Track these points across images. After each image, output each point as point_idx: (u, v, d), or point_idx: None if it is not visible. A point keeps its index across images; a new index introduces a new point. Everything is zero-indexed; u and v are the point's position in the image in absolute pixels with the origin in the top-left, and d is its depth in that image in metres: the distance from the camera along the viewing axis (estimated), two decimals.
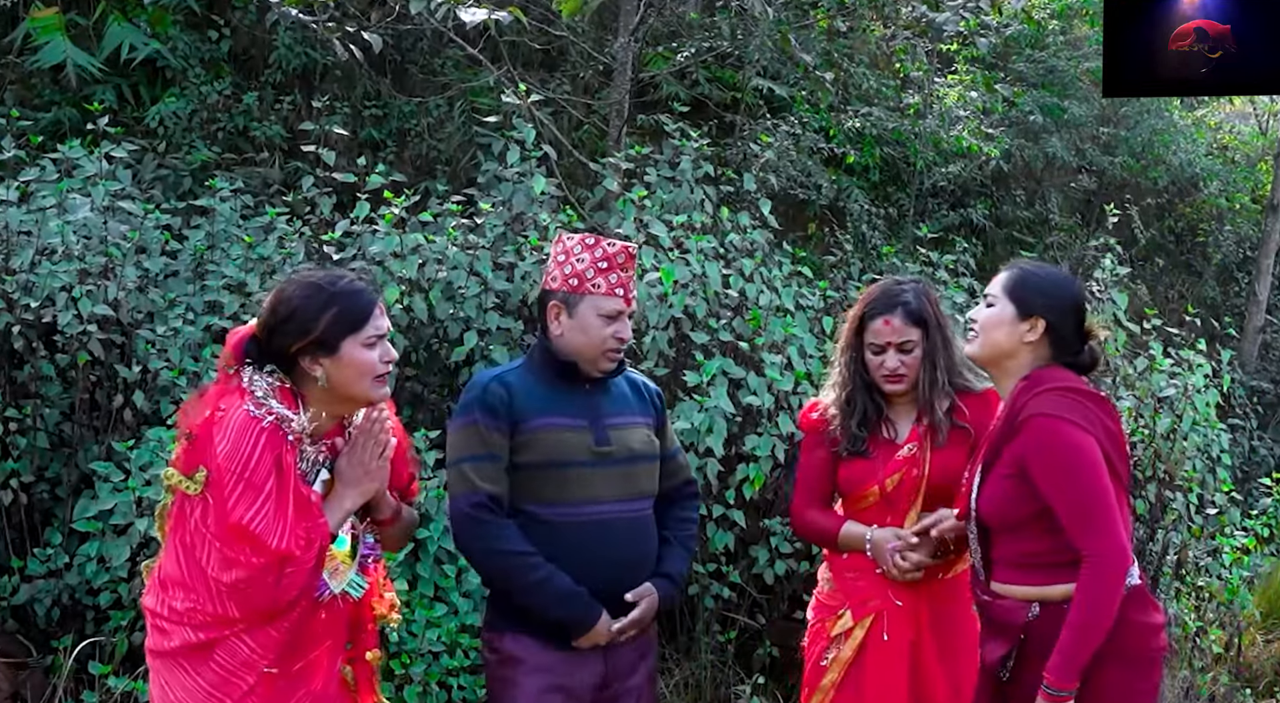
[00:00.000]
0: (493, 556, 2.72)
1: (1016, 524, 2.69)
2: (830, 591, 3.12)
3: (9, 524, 4.14)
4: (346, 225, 4.52)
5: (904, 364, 2.99)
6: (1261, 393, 8.63)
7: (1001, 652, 2.71)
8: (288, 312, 2.39)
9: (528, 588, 2.71)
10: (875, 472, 3.03)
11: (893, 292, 3.04)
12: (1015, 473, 2.67)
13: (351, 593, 2.48)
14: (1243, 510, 5.57)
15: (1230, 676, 5.08)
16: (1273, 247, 9.18)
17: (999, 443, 2.73)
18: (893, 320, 2.99)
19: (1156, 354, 5.11)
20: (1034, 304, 2.76)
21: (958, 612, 3.03)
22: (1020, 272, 2.83)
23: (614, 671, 2.81)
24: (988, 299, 2.83)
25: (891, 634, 2.97)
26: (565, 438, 2.76)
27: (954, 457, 2.98)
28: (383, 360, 2.45)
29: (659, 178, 5.01)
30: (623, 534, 2.80)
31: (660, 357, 4.45)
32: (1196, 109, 10.90)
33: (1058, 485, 2.62)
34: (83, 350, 4.09)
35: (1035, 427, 2.65)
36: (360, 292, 2.44)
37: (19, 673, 3.96)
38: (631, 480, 2.83)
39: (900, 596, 2.98)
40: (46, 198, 4.38)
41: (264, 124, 6.16)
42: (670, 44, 7.34)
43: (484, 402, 2.75)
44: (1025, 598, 2.69)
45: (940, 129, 8.03)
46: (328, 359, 2.39)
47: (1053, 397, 2.68)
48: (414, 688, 3.80)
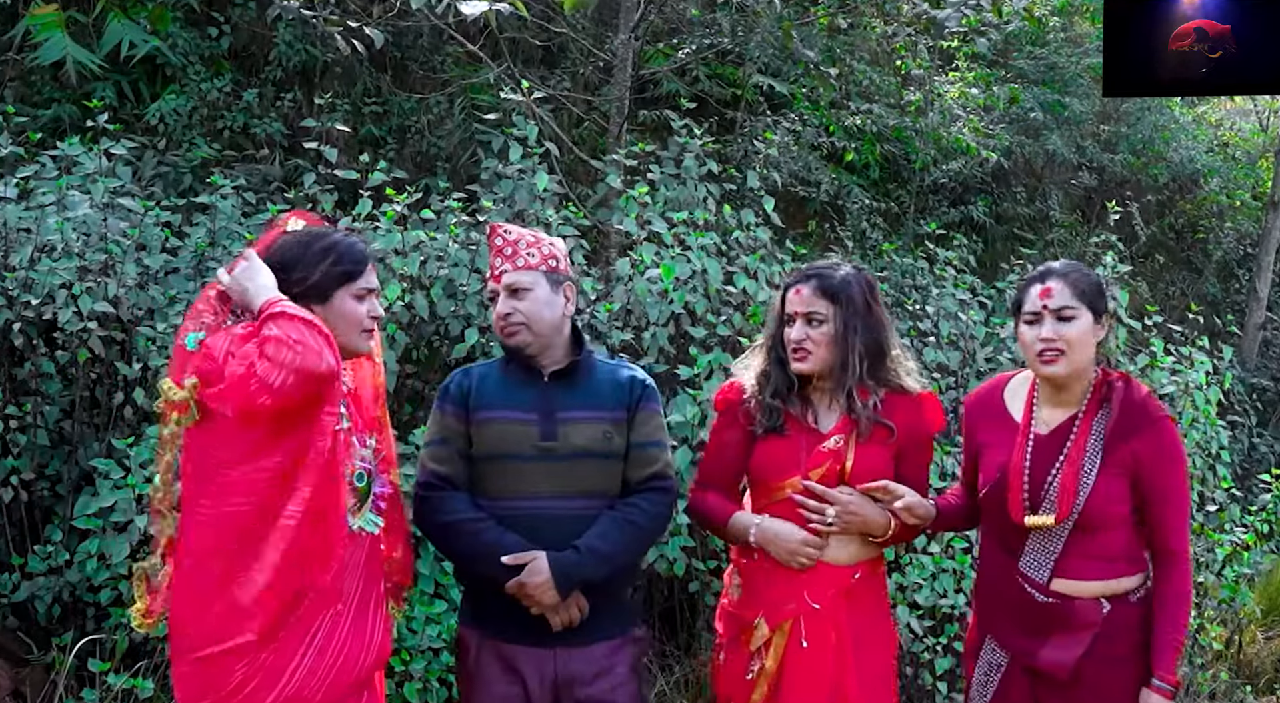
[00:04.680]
0: (436, 528, 2.81)
1: (1114, 521, 2.73)
2: (739, 598, 2.95)
3: (9, 521, 4.14)
4: (349, 222, 4.52)
5: (810, 338, 2.84)
6: (1262, 390, 8.63)
7: (1078, 651, 2.72)
8: (285, 259, 2.46)
9: (470, 552, 2.74)
10: (797, 460, 2.86)
11: (817, 267, 2.94)
12: (1129, 470, 2.71)
13: (368, 528, 2.53)
14: (1243, 507, 5.58)
15: (1230, 673, 5.09)
16: (1273, 243, 9.18)
17: (1117, 441, 2.72)
18: (803, 290, 2.87)
19: (1157, 351, 5.11)
20: (1101, 304, 2.77)
21: (873, 614, 2.90)
22: (1081, 276, 2.77)
23: (565, 673, 2.75)
24: (1062, 313, 2.72)
25: (811, 640, 2.81)
26: (510, 430, 2.77)
27: (874, 455, 2.85)
28: (369, 316, 2.53)
29: (663, 175, 5.00)
30: (558, 531, 2.73)
31: (661, 352, 4.46)
32: (1197, 106, 10.90)
33: (1171, 487, 2.72)
34: (83, 348, 4.09)
35: (1162, 428, 2.73)
36: (356, 244, 2.54)
37: (19, 670, 3.96)
38: (575, 477, 2.77)
39: (817, 598, 2.83)
40: (46, 195, 4.38)
41: (264, 121, 6.15)
42: (671, 41, 7.34)
43: (447, 390, 2.86)
44: (1096, 594, 2.72)
45: (941, 126, 8.03)
46: (320, 307, 2.45)
47: (1158, 401, 2.79)
48: (414, 685, 3.80)
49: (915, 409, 2.91)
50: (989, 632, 2.91)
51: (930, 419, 2.93)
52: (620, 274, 4.52)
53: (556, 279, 2.88)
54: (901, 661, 4.34)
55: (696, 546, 4.27)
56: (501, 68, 5.86)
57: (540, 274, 2.85)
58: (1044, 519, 2.74)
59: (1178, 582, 2.72)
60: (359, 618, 2.47)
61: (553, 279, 2.87)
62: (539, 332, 2.83)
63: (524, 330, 2.82)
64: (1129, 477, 2.71)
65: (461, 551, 2.78)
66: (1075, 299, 2.72)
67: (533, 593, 2.68)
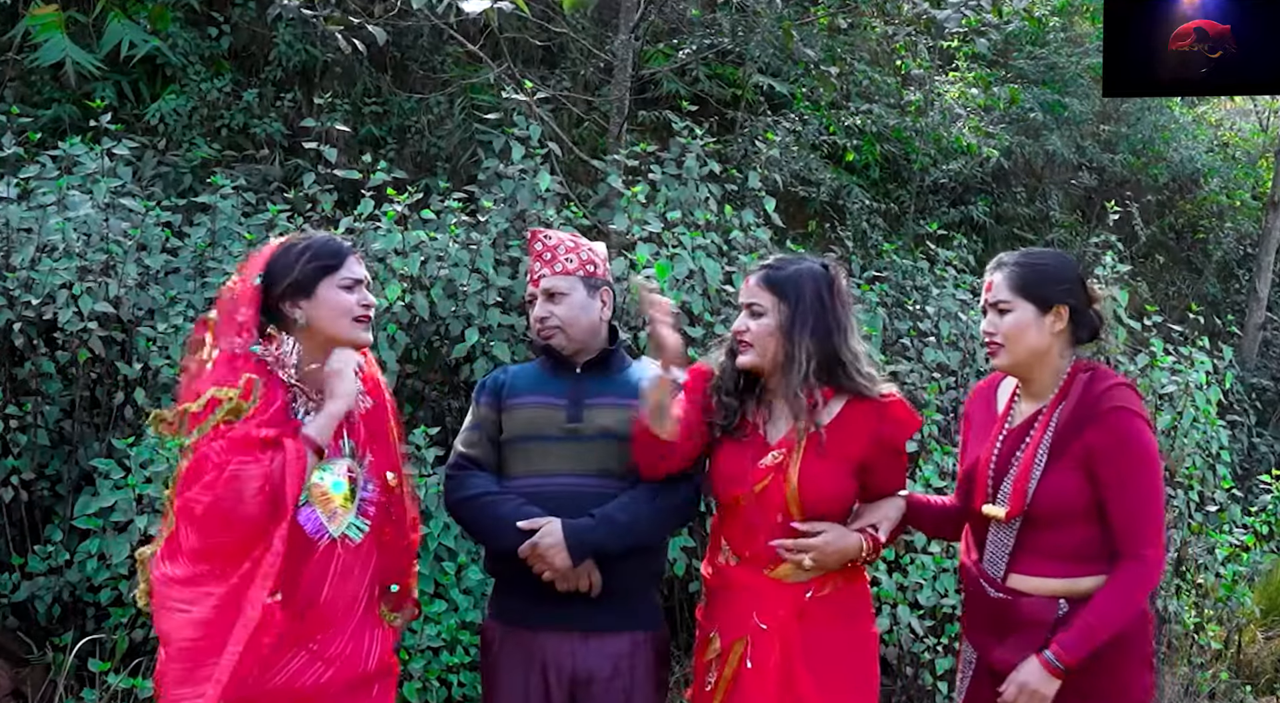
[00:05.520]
0: (457, 504, 2.86)
1: (1068, 516, 2.62)
2: (704, 608, 2.90)
3: (10, 521, 4.14)
4: (350, 222, 4.52)
5: (750, 329, 2.74)
6: (1262, 390, 8.63)
7: (1028, 652, 2.60)
8: (271, 269, 2.54)
9: (488, 523, 2.80)
10: (744, 473, 2.74)
11: (776, 259, 2.85)
12: (1082, 463, 2.60)
13: (351, 536, 2.54)
14: (1243, 507, 5.58)
15: (1230, 673, 5.09)
16: (1273, 243, 9.18)
17: (1069, 433, 2.63)
18: (749, 280, 2.79)
19: (1157, 351, 5.11)
20: (1051, 294, 2.68)
21: (835, 634, 2.73)
22: (1020, 267, 2.71)
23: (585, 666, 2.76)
24: (999, 306, 2.70)
25: (755, 661, 2.69)
26: (539, 413, 2.86)
27: (826, 472, 2.71)
28: (360, 304, 2.56)
29: (664, 175, 5.01)
30: (578, 508, 2.75)
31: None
32: (1197, 106, 10.89)
33: (1127, 482, 2.57)
34: (83, 348, 4.10)
35: (1116, 420, 2.60)
36: (332, 239, 2.60)
37: (19, 670, 3.97)
38: (596, 457, 2.82)
39: (765, 619, 2.71)
40: (47, 195, 4.38)
41: (264, 121, 6.15)
42: (671, 41, 7.34)
43: (484, 385, 2.98)
44: (1053, 592, 2.62)
45: (941, 126, 8.02)
46: (306, 301, 2.52)
47: (1126, 391, 2.64)
48: (413, 684, 3.80)
49: (878, 416, 2.75)
50: (964, 629, 2.89)
51: (897, 425, 2.78)
52: (617, 274, 4.52)
53: (594, 284, 2.95)
54: (901, 661, 4.34)
55: (697, 545, 4.27)
56: (501, 68, 5.86)
57: (577, 279, 2.93)
58: (997, 510, 2.70)
59: (1124, 578, 2.55)
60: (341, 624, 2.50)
61: (590, 284, 2.94)
62: (574, 336, 2.91)
63: (559, 333, 2.91)
64: (1084, 470, 2.60)
65: (481, 523, 2.84)
66: (1010, 292, 2.69)
67: (544, 553, 2.70)
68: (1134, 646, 2.65)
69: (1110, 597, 2.56)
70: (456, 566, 4.00)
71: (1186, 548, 5.08)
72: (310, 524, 2.48)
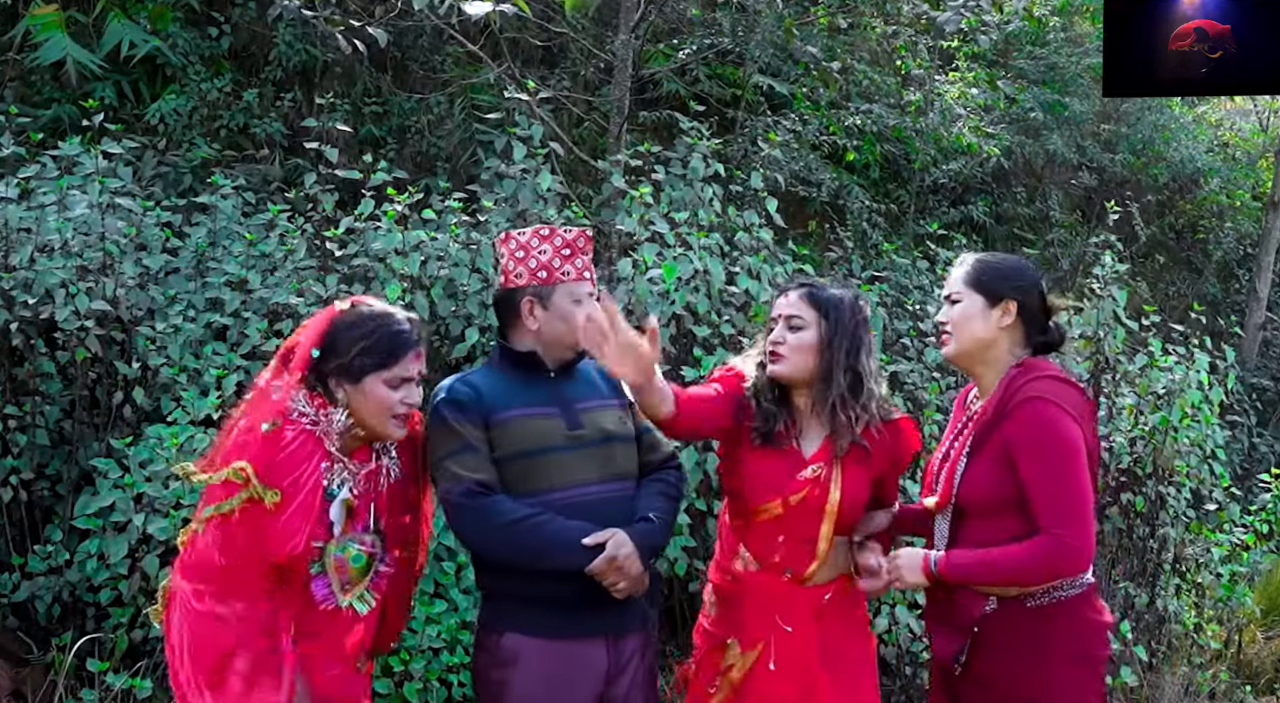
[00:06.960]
0: (495, 531, 2.67)
1: (993, 508, 2.66)
2: (715, 616, 2.94)
3: (9, 521, 4.14)
4: (350, 222, 4.52)
5: (787, 342, 2.83)
6: (1262, 390, 8.63)
7: (955, 647, 2.68)
8: (332, 333, 2.52)
9: (541, 545, 2.66)
10: (781, 484, 2.82)
11: (814, 280, 2.98)
12: (1002, 455, 2.64)
13: (357, 607, 2.55)
14: (1242, 507, 5.57)
15: (1230, 672, 5.09)
16: (1273, 243, 9.18)
17: (989, 426, 2.69)
18: (790, 295, 2.89)
19: (1156, 351, 5.11)
20: (1000, 288, 2.76)
21: (845, 629, 2.86)
22: (975, 263, 2.82)
23: (617, 661, 2.77)
24: (951, 297, 2.81)
25: (780, 663, 2.77)
26: (537, 425, 2.75)
27: (857, 484, 2.83)
28: (403, 402, 2.52)
29: (668, 175, 5.01)
30: (606, 515, 2.74)
31: (663, 352, 4.45)
32: (1197, 106, 10.90)
33: (1040, 468, 2.59)
34: (82, 347, 4.10)
35: (1029, 409, 2.63)
36: (400, 333, 2.54)
37: (19, 670, 3.96)
38: (609, 461, 2.81)
39: (790, 621, 2.79)
40: (46, 195, 4.38)
41: (264, 121, 6.15)
42: (671, 41, 7.34)
43: (450, 401, 2.75)
44: (983, 589, 2.66)
45: (941, 126, 8.03)
46: (350, 386, 2.50)
47: (1048, 383, 2.67)
48: (414, 685, 3.80)
49: (895, 434, 2.90)
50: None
51: (908, 443, 2.94)
52: (622, 274, 4.52)
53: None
54: (900, 660, 4.34)
55: (697, 545, 4.27)
56: (502, 68, 5.86)
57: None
58: (930, 500, 2.82)
59: (1030, 548, 2.56)
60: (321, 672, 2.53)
61: None
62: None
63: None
64: (1004, 462, 2.64)
65: (531, 546, 2.67)
66: (962, 284, 2.79)
67: (623, 565, 2.66)
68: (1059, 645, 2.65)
69: (1016, 553, 2.59)
70: (456, 565, 4.00)
71: (1184, 547, 5.07)
72: (320, 593, 2.49)
